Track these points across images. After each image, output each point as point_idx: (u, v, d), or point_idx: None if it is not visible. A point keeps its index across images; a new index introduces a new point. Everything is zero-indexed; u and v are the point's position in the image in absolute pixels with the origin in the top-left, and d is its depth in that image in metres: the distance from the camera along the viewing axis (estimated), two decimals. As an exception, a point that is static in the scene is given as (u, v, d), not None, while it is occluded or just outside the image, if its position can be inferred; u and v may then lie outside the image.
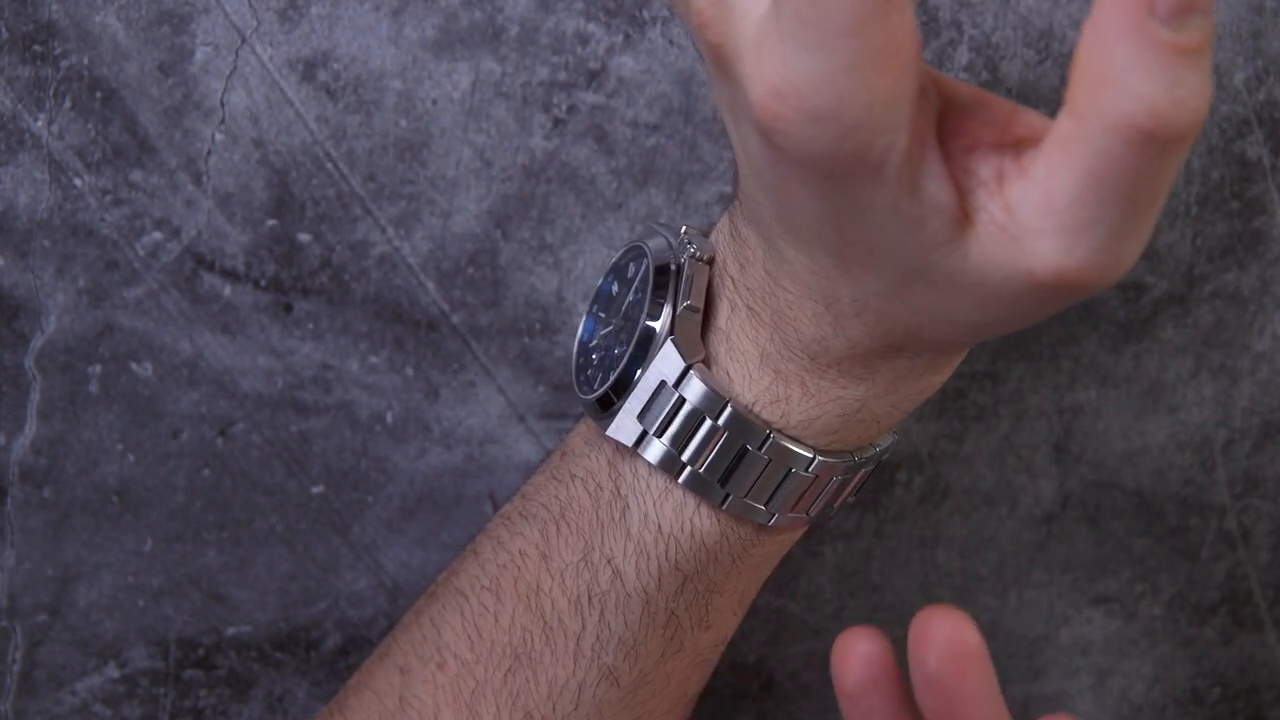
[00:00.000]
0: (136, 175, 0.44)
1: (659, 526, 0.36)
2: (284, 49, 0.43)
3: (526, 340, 0.47)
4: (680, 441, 0.35)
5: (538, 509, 0.38)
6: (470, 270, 0.46)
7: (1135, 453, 0.52)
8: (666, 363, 0.35)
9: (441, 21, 0.44)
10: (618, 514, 0.36)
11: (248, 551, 0.48)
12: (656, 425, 0.35)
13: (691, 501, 0.36)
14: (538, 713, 0.37)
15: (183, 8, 0.43)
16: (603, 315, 0.39)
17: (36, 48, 0.42)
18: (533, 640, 0.37)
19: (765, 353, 0.35)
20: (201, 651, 0.49)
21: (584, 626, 0.37)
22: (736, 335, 0.35)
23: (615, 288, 0.39)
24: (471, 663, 0.37)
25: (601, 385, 0.37)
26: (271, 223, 0.45)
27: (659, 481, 0.36)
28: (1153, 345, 0.50)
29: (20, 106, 0.43)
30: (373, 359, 0.46)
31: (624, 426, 0.36)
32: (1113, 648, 0.54)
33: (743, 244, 0.34)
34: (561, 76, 0.45)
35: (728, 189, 0.46)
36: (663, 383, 0.35)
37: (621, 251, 0.39)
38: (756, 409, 0.35)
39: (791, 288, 0.33)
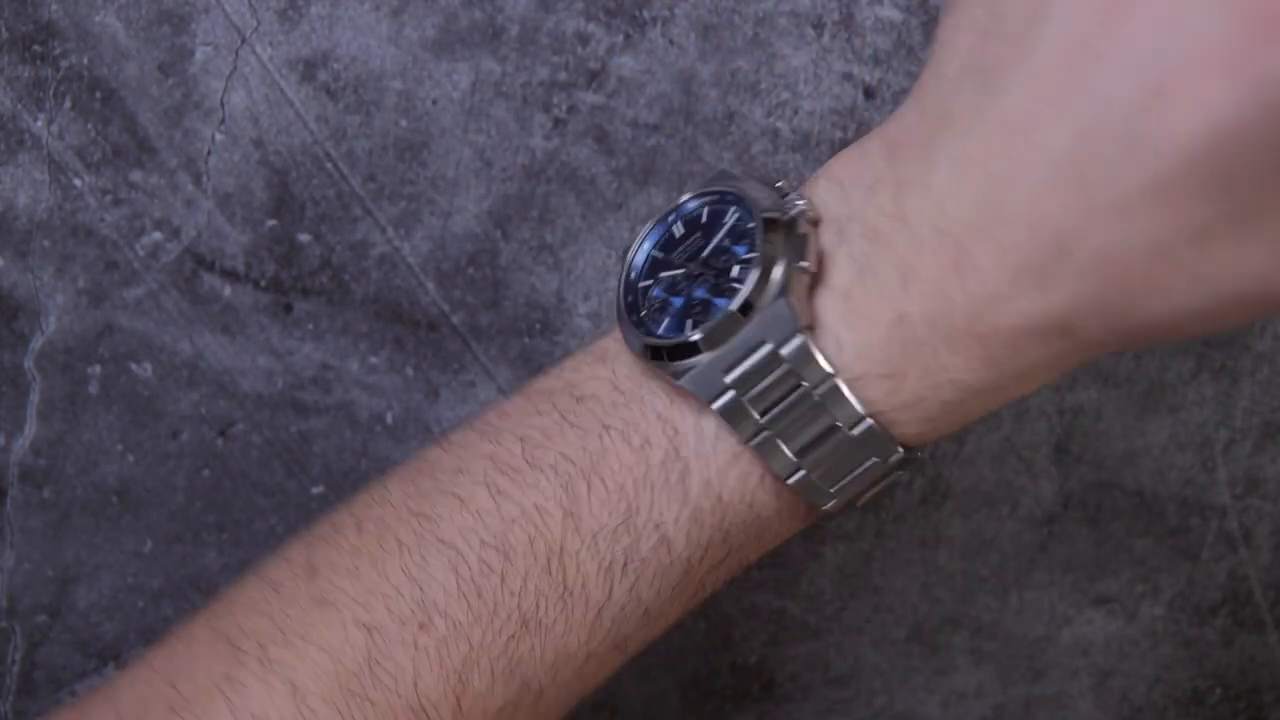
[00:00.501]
0: (136, 175, 0.44)
1: (719, 495, 0.34)
2: (284, 49, 0.43)
3: (527, 340, 0.47)
4: (764, 406, 0.33)
5: (556, 459, 0.34)
6: (470, 270, 0.46)
7: (1136, 453, 0.52)
8: (776, 324, 0.32)
9: (441, 21, 0.44)
10: (674, 477, 0.34)
11: (248, 552, 0.48)
12: (745, 386, 0.33)
13: (758, 470, 0.34)
14: (536, 682, 0.34)
15: (183, 8, 0.43)
16: (662, 256, 0.36)
17: (36, 48, 0.42)
18: (547, 606, 0.34)
19: (903, 316, 0.32)
20: (201, 652, 0.49)
21: (610, 595, 0.34)
22: (862, 297, 0.32)
23: (681, 230, 0.36)
24: (466, 626, 0.34)
25: (678, 331, 0.34)
26: (271, 223, 0.45)
27: (727, 445, 0.34)
28: (1153, 345, 0.50)
29: (20, 106, 0.43)
30: (373, 359, 0.46)
31: (707, 381, 0.33)
32: (1113, 648, 0.54)
33: (902, 189, 0.32)
34: (562, 76, 0.45)
35: (728, 189, 0.46)
36: (763, 342, 0.32)
37: (695, 195, 0.36)
38: (862, 385, 0.33)
39: (1001, 233, 0.30)
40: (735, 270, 0.34)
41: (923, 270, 0.32)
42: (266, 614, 0.34)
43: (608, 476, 0.34)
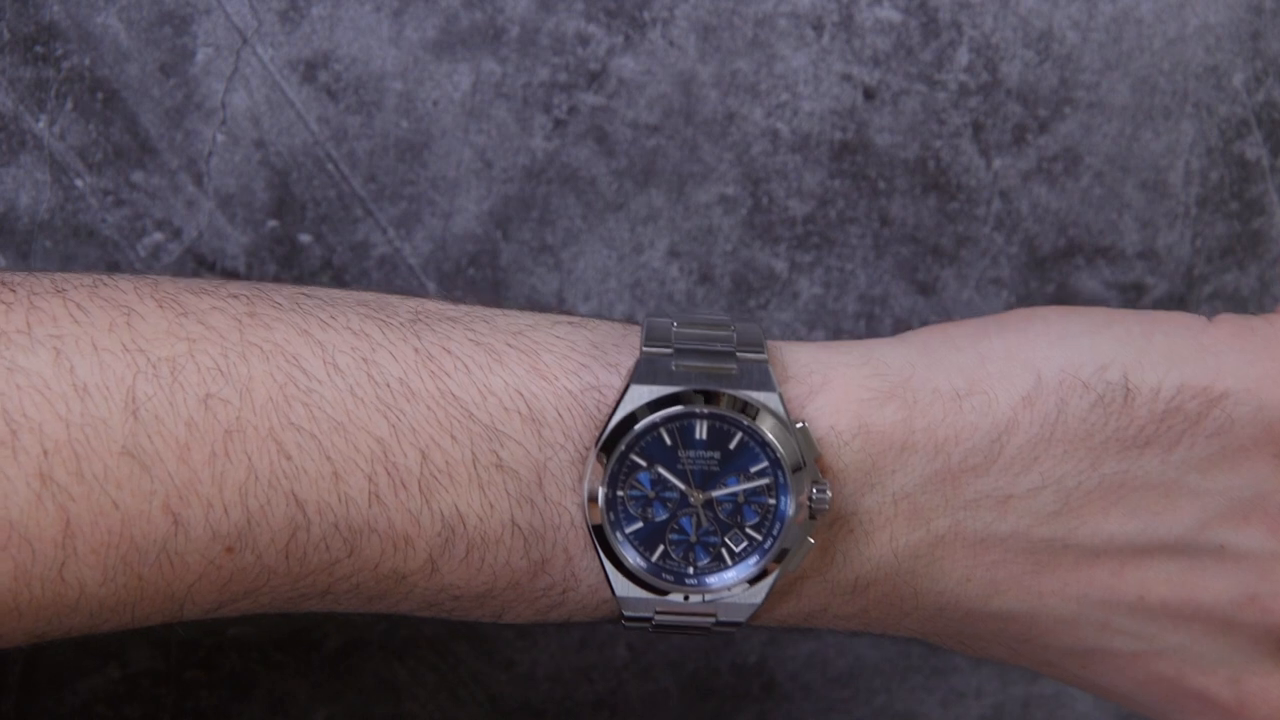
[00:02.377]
0: (138, 176, 0.44)
1: (566, 620, 0.35)
2: (285, 50, 0.43)
3: (527, 341, 0.47)
4: (668, 613, 0.34)
5: (449, 509, 0.32)
6: (471, 271, 0.46)
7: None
8: (733, 607, 0.34)
9: (442, 22, 0.44)
10: (547, 603, 0.34)
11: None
12: (666, 621, 0.34)
13: (611, 609, 0.35)
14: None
15: (184, 9, 0.43)
16: (670, 444, 0.33)
17: (38, 49, 0.42)
18: (356, 594, 0.33)
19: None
20: (203, 652, 0.49)
21: (428, 607, 0.34)
22: (807, 592, 0.35)
23: (704, 435, 0.33)
24: (273, 572, 0.32)
25: (661, 577, 0.33)
26: (272, 223, 0.45)
27: (607, 610, 0.34)
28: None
29: (22, 107, 0.43)
30: (374, 359, 0.46)
31: (638, 606, 0.34)
32: (1113, 648, 0.54)
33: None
34: (562, 77, 0.45)
35: (728, 190, 0.46)
36: (712, 616, 0.34)
37: (734, 415, 0.33)
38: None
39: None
40: (739, 544, 0.34)
41: (873, 594, 0.35)
42: (63, 418, 0.29)
43: (488, 560, 0.32)
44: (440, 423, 0.32)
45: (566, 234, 0.46)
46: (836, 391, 0.34)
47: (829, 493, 0.33)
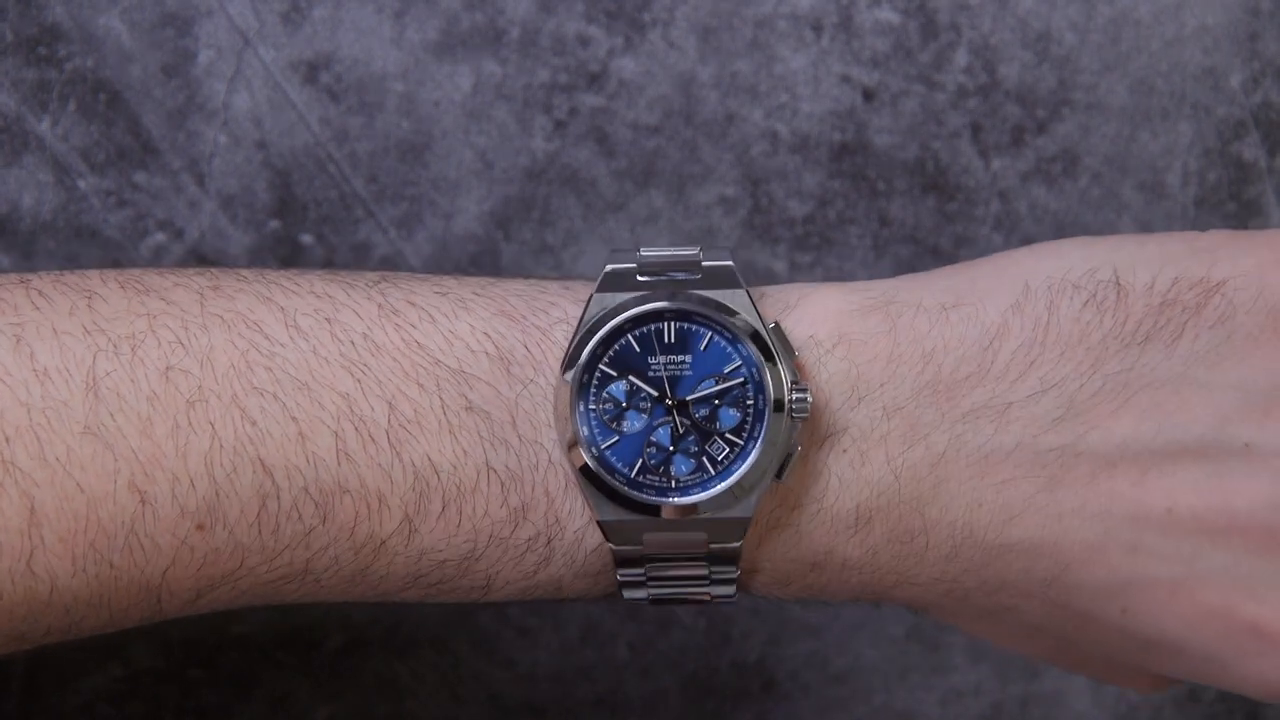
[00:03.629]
0: (140, 177, 0.44)
1: (558, 588, 0.33)
2: (286, 51, 0.44)
3: (528, 341, 0.47)
4: (660, 560, 0.32)
5: (421, 461, 0.31)
6: (472, 271, 0.46)
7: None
8: (724, 531, 0.32)
9: (443, 24, 0.44)
10: (532, 560, 0.32)
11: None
12: (655, 557, 0.32)
13: (606, 583, 0.33)
14: (267, 600, 0.32)
15: (186, 10, 0.43)
16: (638, 351, 0.33)
17: (41, 50, 0.43)
18: (334, 575, 0.32)
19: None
20: (205, 650, 0.49)
21: (401, 591, 0.32)
22: (809, 527, 0.33)
23: (672, 337, 0.33)
24: (247, 550, 0.31)
25: (627, 476, 0.32)
26: (274, 224, 0.45)
27: (597, 561, 0.33)
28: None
29: (25, 108, 0.43)
30: (375, 359, 0.46)
31: (626, 534, 0.32)
32: (1111, 647, 0.54)
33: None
34: (562, 79, 0.45)
35: (728, 190, 0.47)
36: (704, 534, 0.32)
37: (703, 309, 0.33)
38: (757, 578, 0.33)
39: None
40: (720, 452, 0.32)
41: (878, 530, 0.32)
42: (24, 403, 0.29)
43: (466, 514, 0.31)
44: (406, 372, 0.31)
45: (567, 234, 0.46)
46: (814, 306, 0.33)
47: (809, 394, 0.31)
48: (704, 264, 0.33)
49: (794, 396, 0.32)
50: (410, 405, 0.31)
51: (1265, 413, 0.32)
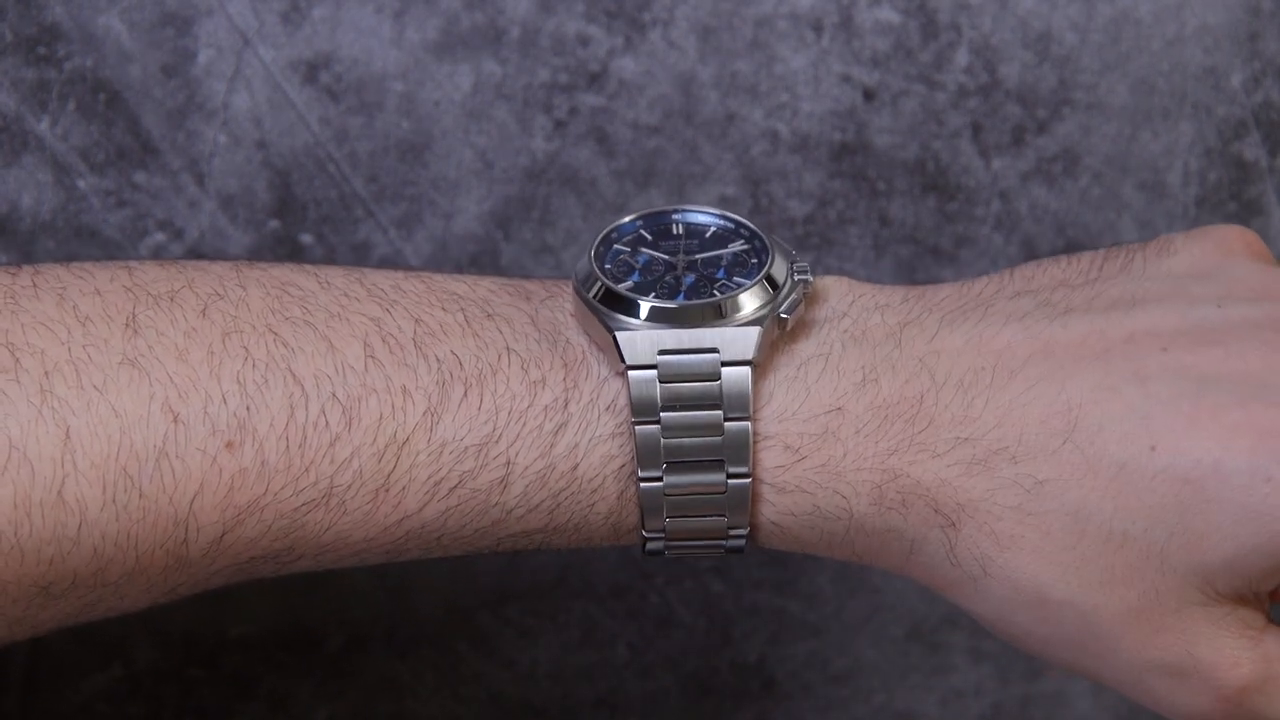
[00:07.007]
0: (140, 177, 0.44)
1: (576, 465, 0.33)
2: (286, 51, 0.44)
3: (528, 341, 0.47)
4: (673, 403, 0.33)
5: (445, 355, 0.33)
6: (472, 271, 0.46)
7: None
8: (738, 342, 0.33)
9: (443, 24, 0.44)
10: (550, 426, 0.33)
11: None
12: (670, 375, 0.33)
13: (622, 459, 0.33)
14: (301, 550, 0.33)
15: (186, 10, 0.43)
16: (650, 239, 0.36)
17: (40, 50, 0.43)
18: (358, 492, 0.32)
19: (841, 410, 0.33)
20: (205, 650, 0.49)
21: (421, 510, 0.33)
22: (816, 374, 0.33)
23: (680, 230, 0.36)
24: (273, 470, 0.31)
25: (641, 292, 0.34)
26: (274, 224, 0.45)
27: (613, 420, 0.33)
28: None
29: (24, 108, 0.43)
30: (375, 359, 0.47)
31: (640, 347, 0.33)
32: (1111, 647, 0.54)
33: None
34: (562, 78, 0.45)
35: (728, 190, 0.47)
36: (714, 350, 0.33)
37: (707, 210, 0.36)
38: (765, 447, 0.33)
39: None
40: (732, 291, 0.34)
41: (886, 388, 0.33)
42: (64, 342, 0.30)
43: (488, 395, 0.32)
44: (432, 302, 0.34)
45: (567, 234, 0.46)
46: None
47: (810, 272, 0.34)
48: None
49: (796, 267, 0.35)
50: (435, 320, 0.33)
51: (1227, 289, 0.34)
